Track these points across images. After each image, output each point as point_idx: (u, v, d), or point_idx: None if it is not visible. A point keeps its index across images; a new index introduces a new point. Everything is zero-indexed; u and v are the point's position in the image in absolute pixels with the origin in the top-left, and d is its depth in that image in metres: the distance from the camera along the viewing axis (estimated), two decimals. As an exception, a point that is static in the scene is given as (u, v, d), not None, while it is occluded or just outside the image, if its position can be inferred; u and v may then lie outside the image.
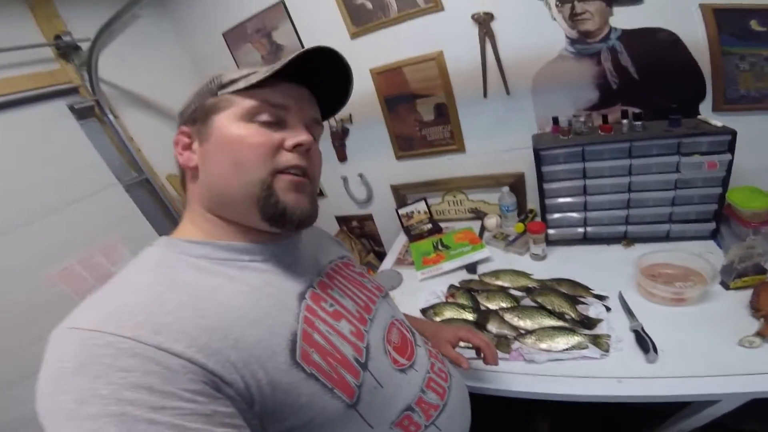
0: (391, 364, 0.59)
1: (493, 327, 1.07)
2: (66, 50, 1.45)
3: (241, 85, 0.52)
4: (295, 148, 0.53)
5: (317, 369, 0.47)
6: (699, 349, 0.85)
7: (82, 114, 1.48)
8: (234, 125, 0.51)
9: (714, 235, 1.18)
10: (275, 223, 0.53)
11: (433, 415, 0.61)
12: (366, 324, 0.59)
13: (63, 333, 0.38)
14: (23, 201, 1.27)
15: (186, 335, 0.39)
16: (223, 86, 0.54)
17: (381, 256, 1.94)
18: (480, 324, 1.09)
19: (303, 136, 0.53)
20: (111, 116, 1.54)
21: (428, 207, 1.75)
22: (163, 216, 1.68)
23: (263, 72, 0.52)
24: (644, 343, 0.88)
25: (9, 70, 1.32)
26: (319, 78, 0.57)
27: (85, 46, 1.43)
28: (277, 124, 0.53)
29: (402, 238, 1.75)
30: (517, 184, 1.56)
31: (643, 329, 0.92)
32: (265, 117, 0.52)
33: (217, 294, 0.46)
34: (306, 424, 0.46)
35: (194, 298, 0.44)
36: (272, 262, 0.55)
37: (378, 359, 0.57)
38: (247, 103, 0.51)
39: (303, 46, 1.55)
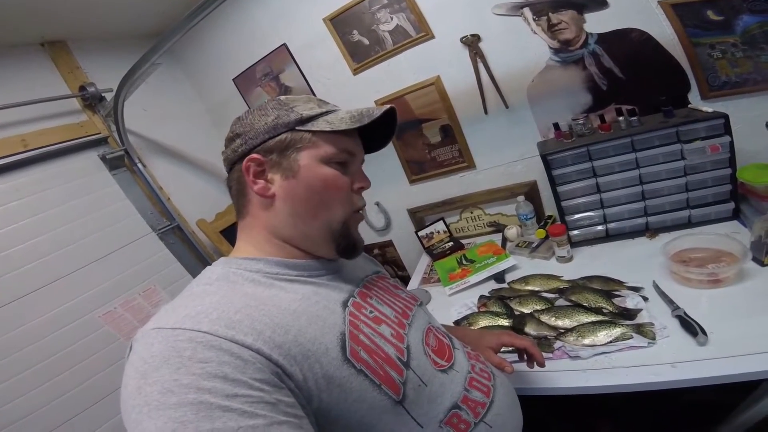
0: (432, 365, 0.61)
1: (531, 330, 1.05)
2: (92, 101, 1.52)
3: (324, 127, 0.57)
4: (360, 189, 0.63)
5: (365, 365, 0.50)
6: (748, 327, 0.82)
7: (113, 164, 1.56)
8: (319, 167, 0.57)
9: (737, 215, 1.18)
10: (344, 254, 0.62)
11: (480, 412, 0.62)
12: (405, 328, 0.62)
13: (148, 333, 0.43)
14: (69, 251, 1.36)
15: (254, 330, 0.44)
16: (302, 122, 0.57)
17: (405, 280, 1.95)
18: (517, 328, 1.07)
19: (367, 181, 0.64)
20: (140, 165, 1.62)
21: (447, 226, 1.78)
22: (196, 259, 1.73)
23: (346, 121, 0.57)
24: (691, 327, 0.85)
25: (40, 123, 1.38)
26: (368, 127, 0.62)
27: (108, 96, 1.50)
28: (344, 166, 0.61)
29: (425, 259, 1.77)
30: (531, 193, 1.60)
31: (686, 314, 0.90)
32: (340, 161, 0.60)
33: (274, 300, 0.51)
34: (358, 423, 0.49)
35: (256, 301, 0.49)
36: (317, 276, 0.60)
37: (419, 359, 0.59)
38: (329, 148, 0.58)
39: (310, 86, 1.74)
